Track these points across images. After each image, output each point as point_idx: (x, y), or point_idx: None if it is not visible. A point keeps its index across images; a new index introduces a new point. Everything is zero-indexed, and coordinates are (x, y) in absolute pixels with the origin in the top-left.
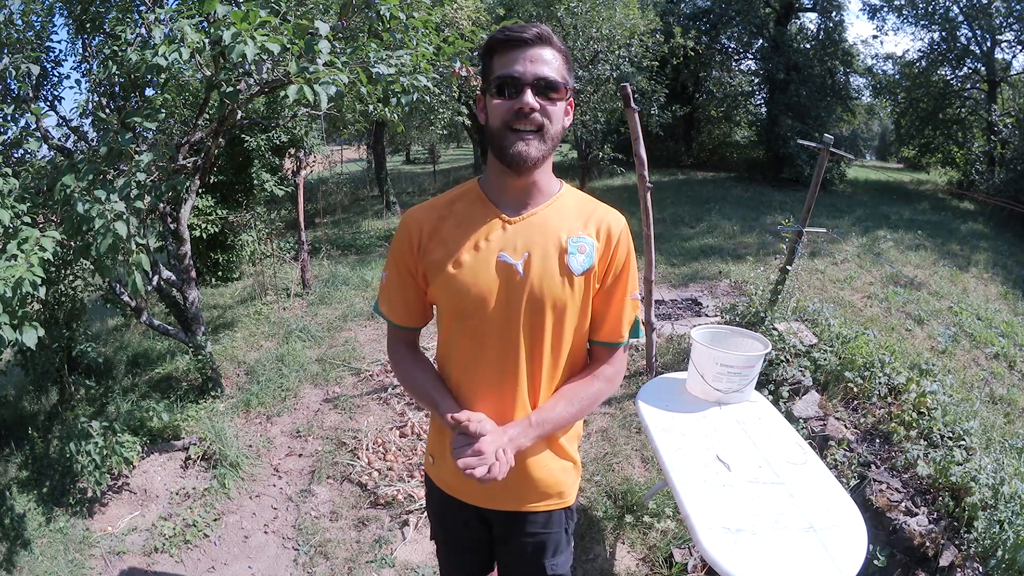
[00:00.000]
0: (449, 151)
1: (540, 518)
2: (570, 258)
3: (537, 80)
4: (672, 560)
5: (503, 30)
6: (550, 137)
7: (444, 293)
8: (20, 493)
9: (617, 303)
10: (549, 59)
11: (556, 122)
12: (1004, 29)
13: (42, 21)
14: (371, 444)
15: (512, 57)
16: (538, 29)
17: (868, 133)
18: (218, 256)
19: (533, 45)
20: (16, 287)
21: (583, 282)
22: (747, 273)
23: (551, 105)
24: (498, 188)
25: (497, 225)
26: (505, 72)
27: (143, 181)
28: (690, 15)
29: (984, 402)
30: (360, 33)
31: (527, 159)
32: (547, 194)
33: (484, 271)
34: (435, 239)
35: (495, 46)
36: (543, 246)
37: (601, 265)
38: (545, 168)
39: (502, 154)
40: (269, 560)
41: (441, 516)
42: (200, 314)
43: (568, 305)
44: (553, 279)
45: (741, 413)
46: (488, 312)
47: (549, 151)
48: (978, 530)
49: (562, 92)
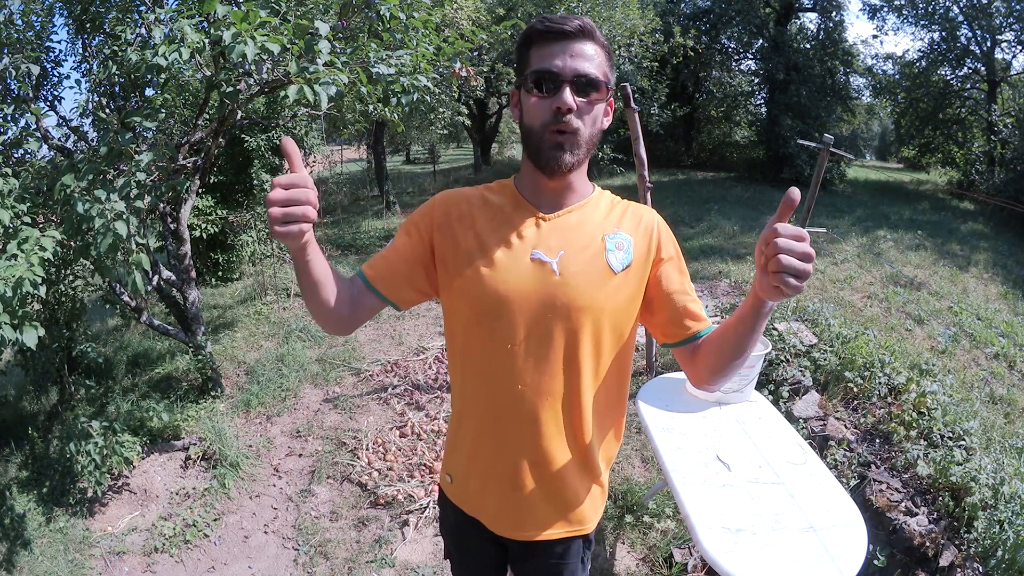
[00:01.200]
0: (449, 151)
1: (558, 548)
2: (609, 255)
3: (577, 77)
4: (672, 560)
5: (542, 20)
6: (586, 141)
7: (470, 289)
8: (20, 493)
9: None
10: (591, 54)
11: (594, 124)
12: (1004, 29)
13: (42, 21)
14: (371, 444)
15: (551, 50)
16: (580, 21)
17: (868, 133)
18: (218, 256)
19: (574, 38)
20: (16, 287)
21: (623, 279)
22: (747, 273)
23: (590, 105)
24: (532, 188)
25: (531, 222)
26: (543, 66)
27: (143, 181)
28: (690, 15)
29: (984, 402)
30: (360, 33)
31: (562, 165)
32: (581, 195)
33: (516, 269)
34: (465, 224)
35: (533, 37)
36: (580, 244)
37: (645, 260)
38: (580, 171)
39: (537, 156)
40: (269, 560)
41: (457, 537)
42: (200, 314)
43: (608, 304)
44: (591, 277)
45: (741, 413)
46: (519, 313)
47: (585, 155)
48: (978, 530)
49: (603, 91)
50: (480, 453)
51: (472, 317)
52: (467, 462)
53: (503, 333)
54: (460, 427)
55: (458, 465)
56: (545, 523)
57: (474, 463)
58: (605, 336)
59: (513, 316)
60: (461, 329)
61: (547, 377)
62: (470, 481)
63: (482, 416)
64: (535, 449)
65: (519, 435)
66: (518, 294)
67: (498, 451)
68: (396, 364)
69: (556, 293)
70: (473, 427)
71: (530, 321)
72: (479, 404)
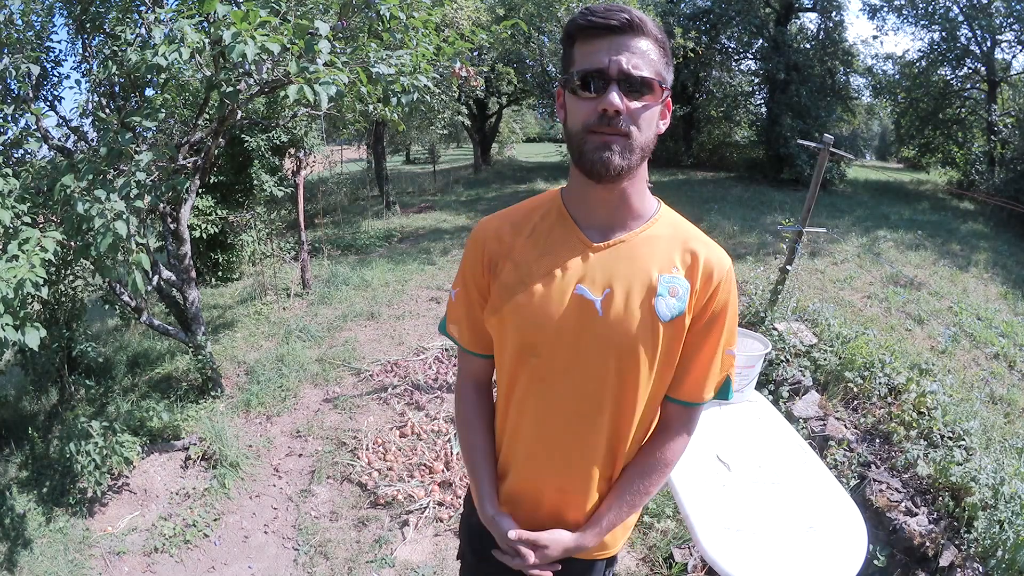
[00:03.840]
0: (449, 151)
1: (578, 567)
2: (658, 300)
3: (625, 76)
4: (672, 560)
5: (585, 13)
6: (639, 146)
7: (509, 323)
8: (20, 493)
9: (706, 356)
10: (643, 50)
11: (648, 128)
12: (1004, 29)
13: (42, 21)
14: (371, 444)
15: (596, 47)
16: (629, 14)
17: (868, 133)
18: (218, 256)
19: (622, 33)
20: (18, 288)
21: (670, 330)
22: (747, 273)
23: (642, 108)
24: (580, 201)
25: (578, 251)
26: (587, 65)
27: (143, 181)
28: (690, 15)
29: (984, 402)
30: (360, 33)
31: (609, 168)
32: (639, 215)
33: (557, 304)
34: (508, 258)
35: (575, 33)
36: (628, 282)
37: (693, 311)
38: (636, 182)
39: (580, 160)
40: (269, 560)
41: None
42: (200, 314)
43: (650, 355)
44: (635, 323)
45: (741, 413)
46: (557, 352)
47: (638, 162)
48: (978, 530)
49: (657, 92)
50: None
51: (511, 353)
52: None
53: (543, 368)
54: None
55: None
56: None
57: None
58: (647, 375)
59: (551, 354)
60: (504, 367)
61: (586, 414)
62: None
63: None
64: (572, 481)
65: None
66: (557, 331)
67: (534, 478)
68: (396, 364)
69: (598, 333)
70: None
71: (570, 358)
72: (521, 428)
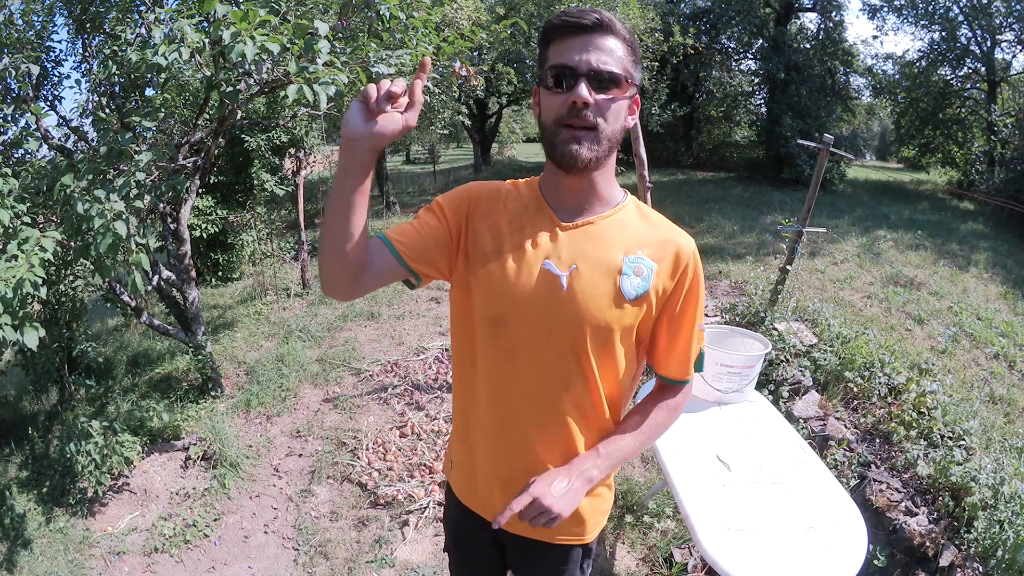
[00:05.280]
0: (449, 151)
1: (555, 553)
2: (623, 279)
3: (593, 71)
4: (672, 560)
5: (560, 15)
6: (606, 137)
7: (481, 290)
8: (20, 493)
9: (686, 335)
10: (611, 48)
11: (615, 120)
12: (1004, 29)
13: (42, 21)
14: (371, 444)
15: (568, 45)
16: (598, 15)
17: (868, 133)
18: (218, 256)
19: (592, 32)
20: (17, 288)
21: (635, 308)
22: (747, 273)
23: (609, 102)
24: (553, 189)
25: (548, 228)
26: (559, 61)
27: (143, 181)
28: (690, 15)
29: (984, 402)
30: (360, 33)
31: (578, 160)
32: (607, 202)
33: (526, 277)
34: (488, 222)
35: (550, 33)
36: (594, 261)
37: (662, 292)
38: (604, 172)
39: (552, 153)
40: (269, 560)
41: (456, 532)
42: (200, 314)
43: (615, 331)
44: (599, 300)
45: (741, 413)
46: (522, 325)
47: (605, 153)
48: (978, 530)
49: (624, 87)
50: (483, 451)
51: (481, 319)
52: (470, 456)
53: (508, 340)
54: (465, 421)
55: (461, 455)
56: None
57: (476, 458)
58: (610, 351)
59: (518, 324)
60: (472, 327)
61: (549, 388)
62: (473, 477)
63: (487, 416)
64: (535, 457)
65: (521, 441)
66: (523, 304)
67: (501, 455)
68: (396, 364)
69: (561, 307)
70: (477, 424)
71: (535, 331)
72: (485, 403)
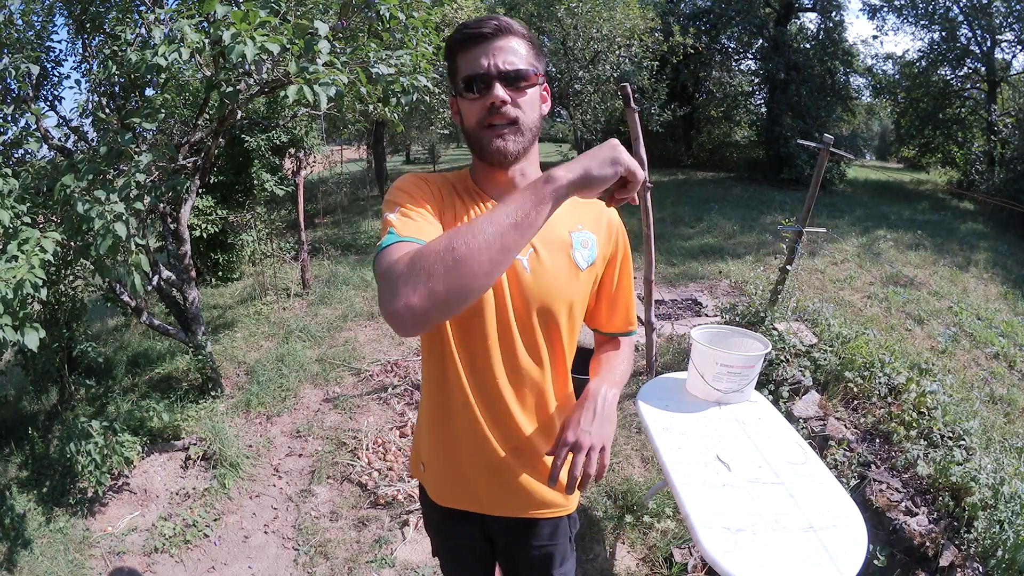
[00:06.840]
0: (449, 151)
1: (546, 529)
2: (575, 253)
3: (503, 72)
4: (672, 560)
5: (460, 28)
6: (527, 127)
7: None
8: (20, 493)
9: (626, 292)
10: (514, 47)
11: (531, 111)
12: (1004, 29)
13: (42, 21)
14: (371, 444)
15: (475, 53)
16: (496, 21)
17: (868, 133)
18: (218, 256)
19: (495, 37)
20: (17, 289)
21: (588, 276)
22: (747, 273)
23: (523, 95)
24: (487, 182)
25: None
26: (471, 71)
27: (143, 181)
28: (690, 15)
29: (984, 402)
30: (360, 33)
31: (506, 155)
32: None
33: None
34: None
35: (455, 47)
36: (547, 241)
37: (604, 258)
38: (531, 160)
39: (482, 153)
40: (269, 560)
41: (442, 533)
42: (200, 314)
43: (576, 297)
44: (561, 276)
45: (741, 413)
46: (495, 311)
47: (530, 142)
48: (978, 530)
49: (532, 79)
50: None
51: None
52: (448, 452)
53: (483, 329)
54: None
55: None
56: (527, 503)
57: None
58: (574, 319)
59: (491, 313)
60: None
61: (527, 367)
62: (453, 472)
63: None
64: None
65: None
66: (494, 292)
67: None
68: (396, 364)
69: (529, 289)
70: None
71: (504, 316)
72: (463, 395)
